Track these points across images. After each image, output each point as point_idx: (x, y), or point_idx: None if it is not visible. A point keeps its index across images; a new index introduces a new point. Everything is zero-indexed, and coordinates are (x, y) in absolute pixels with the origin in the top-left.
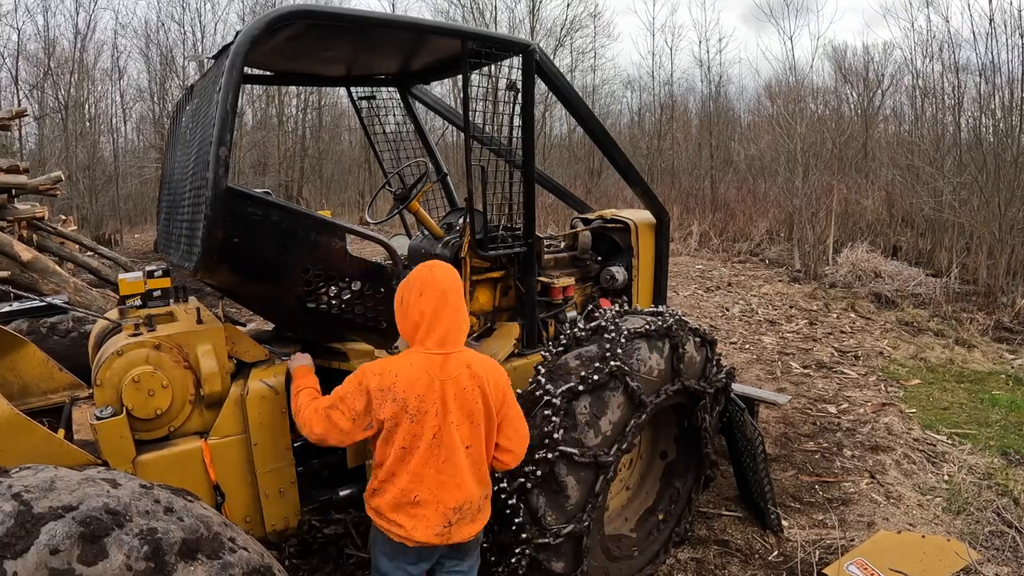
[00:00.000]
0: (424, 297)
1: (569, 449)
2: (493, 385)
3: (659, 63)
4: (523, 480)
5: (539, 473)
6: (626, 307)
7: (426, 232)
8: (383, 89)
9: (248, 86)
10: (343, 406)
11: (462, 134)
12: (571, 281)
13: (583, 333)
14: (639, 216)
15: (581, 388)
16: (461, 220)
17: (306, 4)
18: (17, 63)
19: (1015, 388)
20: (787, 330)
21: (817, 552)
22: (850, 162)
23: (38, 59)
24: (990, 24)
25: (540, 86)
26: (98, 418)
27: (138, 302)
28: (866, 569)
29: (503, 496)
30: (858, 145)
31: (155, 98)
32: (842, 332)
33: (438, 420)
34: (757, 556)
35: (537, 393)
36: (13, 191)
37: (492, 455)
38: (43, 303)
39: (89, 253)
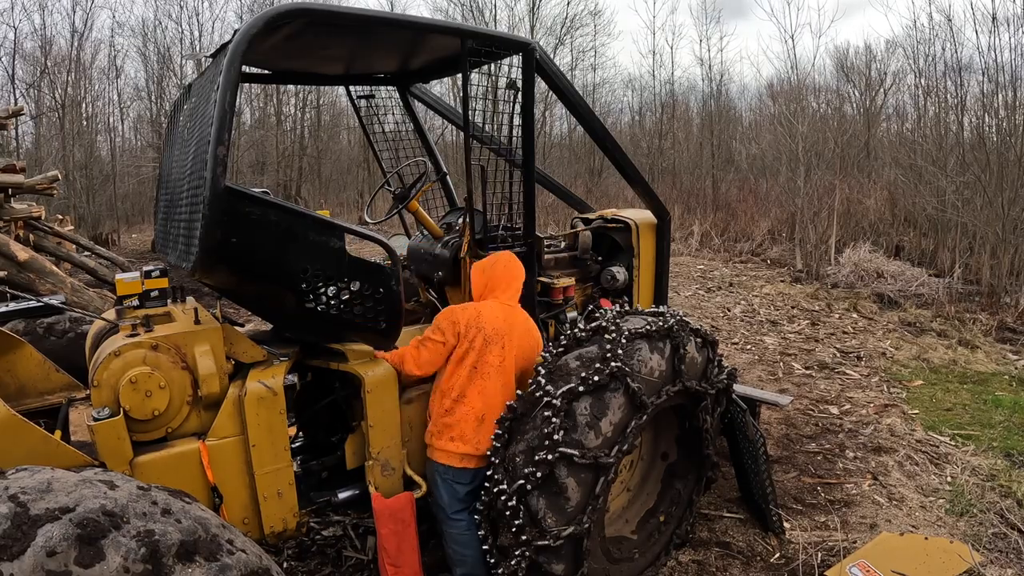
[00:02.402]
0: (496, 265)
1: (569, 450)
2: (535, 336)
3: (660, 62)
4: (523, 482)
5: (539, 475)
6: (627, 307)
7: (425, 232)
8: (382, 88)
9: (246, 85)
10: (436, 336)
11: (462, 133)
12: (571, 281)
13: (583, 334)
14: (640, 216)
15: (581, 389)
16: (461, 220)
17: (305, 2)
18: (14, 61)
19: (1018, 389)
20: (789, 331)
21: (819, 554)
22: (852, 161)
23: (35, 58)
24: (993, 22)
25: (540, 85)
26: (95, 419)
27: (135, 302)
28: (868, 571)
29: (503, 497)
30: (860, 144)
31: (152, 97)
32: (844, 333)
33: (504, 352)
34: (759, 558)
35: (537, 394)
36: (10, 190)
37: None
38: (40, 303)
39: (86, 253)
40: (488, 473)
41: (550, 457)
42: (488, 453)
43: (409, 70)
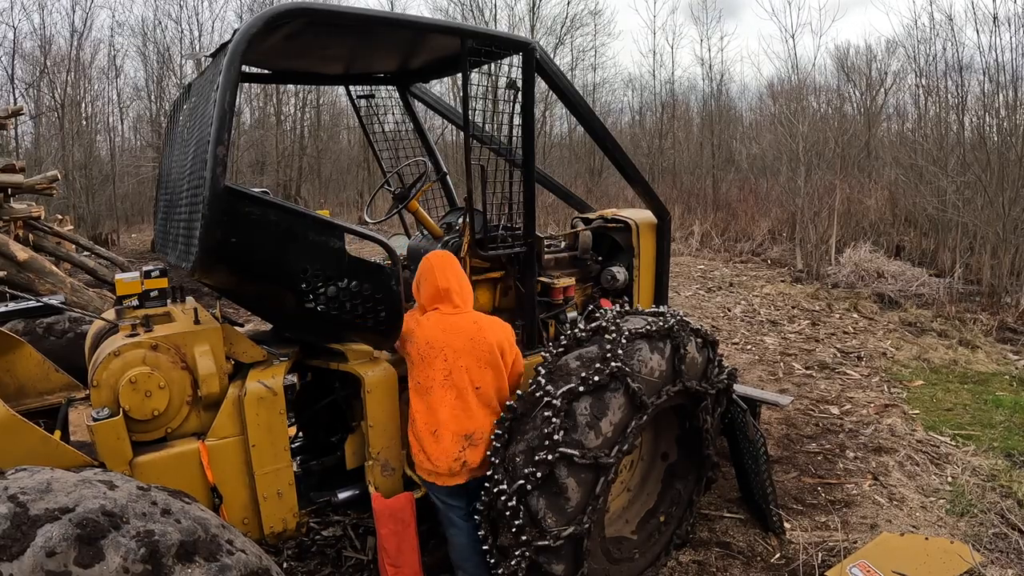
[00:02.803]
0: (420, 272)
1: (569, 451)
2: (491, 338)
3: (660, 61)
4: (523, 482)
5: (539, 475)
6: (627, 307)
7: (425, 232)
8: (382, 88)
9: (246, 84)
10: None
11: (462, 133)
12: (571, 281)
13: (583, 334)
14: (640, 216)
15: (582, 389)
16: (461, 220)
17: (304, 2)
18: (13, 61)
19: (1019, 389)
20: (789, 331)
21: (819, 554)
22: (853, 161)
23: (34, 57)
24: (994, 22)
25: (540, 84)
26: (95, 419)
27: (135, 302)
28: (869, 572)
29: (503, 497)
30: (861, 144)
31: (152, 97)
32: (845, 333)
33: (448, 364)
34: (759, 558)
35: (537, 394)
36: (9, 190)
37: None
38: (39, 303)
39: (86, 253)
40: (488, 473)
41: (550, 457)
42: (458, 469)
43: (409, 70)
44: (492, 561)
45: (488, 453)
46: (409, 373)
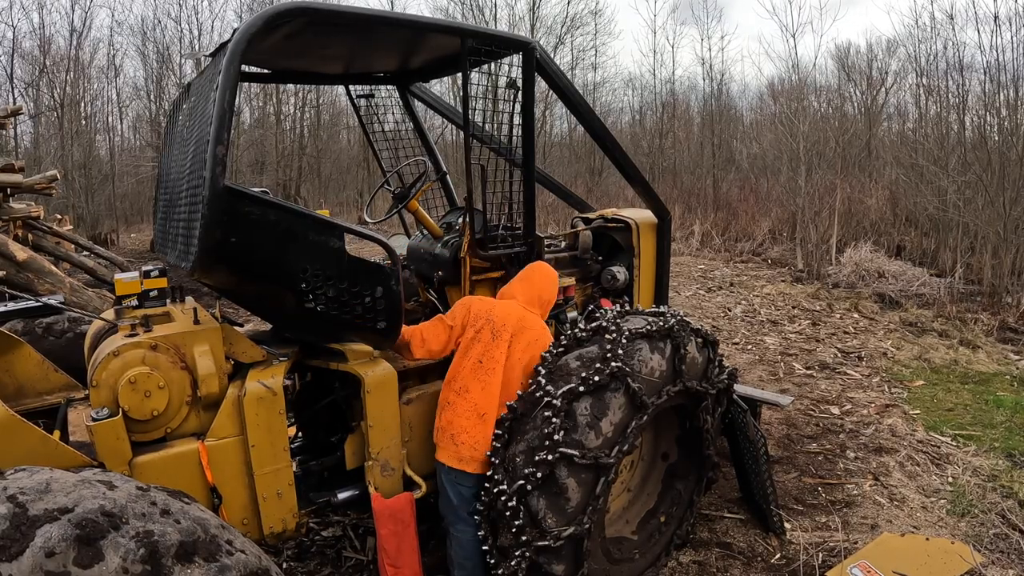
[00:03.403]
0: (531, 270)
1: (570, 451)
2: (543, 345)
3: (660, 61)
4: (523, 482)
5: (539, 475)
6: (627, 307)
7: (425, 232)
8: (382, 87)
9: (246, 84)
10: (446, 318)
11: (462, 133)
12: (572, 281)
13: (584, 334)
14: (640, 215)
15: (582, 389)
16: (461, 219)
17: (304, 1)
18: (12, 61)
19: (1020, 389)
20: (790, 331)
21: (820, 555)
22: (853, 161)
23: (33, 57)
24: (995, 21)
25: (540, 84)
26: (94, 419)
27: (134, 302)
28: (869, 572)
29: (503, 498)
30: (862, 144)
31: (151, 96)
32: (845, 333)
33: (509, 350)
34: (759, 559)
35: (537, 394)
36: (8, 190)
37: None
38: (39, 303)
39: (85, 253)
40: (488, 474)
41: (550, 457)
42: (489, 455)
43: (409, 69)
44: (492, 561)
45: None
46: (465, 351)
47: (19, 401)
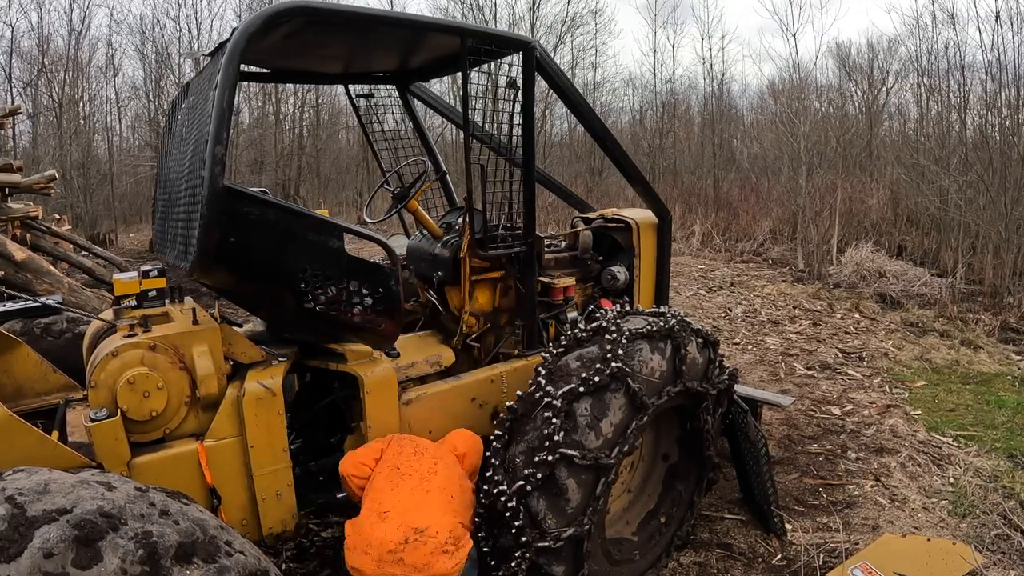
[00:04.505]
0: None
1: (570, 451)
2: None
3: (661, 60)
4: (523, 483)
5: (539, 476)
6: (627, 307)
7: (425, 232)
8: (381, 87)
9: (245, 83)
10: None
11: (461, 132)
12: (572, 281)
13: (584, 334)
14: (641, 215)
15: (582, 390)
16: (460, 219)
17: (304, 0)
18: (11, 60)
19: (1021, 390)
20: (790, 331)
21: (821, 556)
22: (854, 161)
23: (32, 56)
24: (996, 20)
25: (540, 84)
26: (93, 420)
27: (133, 302)
28: (870, 573)
29: (503, 498)
30: (863, 143)
31: (150, 96)
32: (846, 333)
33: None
34: (760, 560)
35: (537, 395)
36: (7, 190)
37: None
38: (37, 303)
39: (84, 253)
40: (488, 474)
41: (550, 458)
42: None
43: (408, 69)
44: (492, 563)
45: None
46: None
47: (18, 401)
